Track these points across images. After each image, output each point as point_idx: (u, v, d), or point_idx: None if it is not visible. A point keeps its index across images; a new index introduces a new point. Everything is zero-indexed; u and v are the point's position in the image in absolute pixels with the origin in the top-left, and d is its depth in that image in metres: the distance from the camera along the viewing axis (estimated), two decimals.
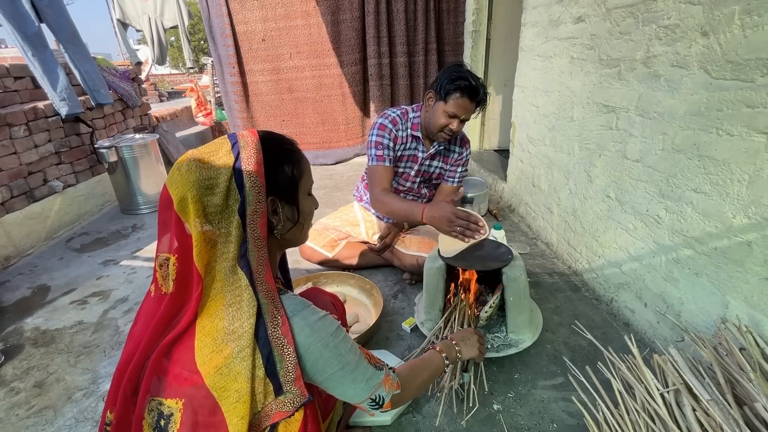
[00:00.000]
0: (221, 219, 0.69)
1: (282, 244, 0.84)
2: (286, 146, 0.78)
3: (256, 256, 0.71)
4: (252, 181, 0.69)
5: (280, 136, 0.79)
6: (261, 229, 0.71)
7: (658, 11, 1.30)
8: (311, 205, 0.87)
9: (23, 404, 1.30)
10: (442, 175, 1.96)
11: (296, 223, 0.81)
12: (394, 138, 1.79)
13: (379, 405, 0.82)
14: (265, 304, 0.70)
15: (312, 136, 4.09)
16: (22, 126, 2.44)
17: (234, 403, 0.67)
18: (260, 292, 0.70)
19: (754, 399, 0.84)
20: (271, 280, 0.72)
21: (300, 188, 0.80)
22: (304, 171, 0.82)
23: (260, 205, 0.70)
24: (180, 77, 14.57)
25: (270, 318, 0.70)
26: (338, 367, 0.75)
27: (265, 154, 0.72)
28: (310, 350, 0.72)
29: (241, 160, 0.70)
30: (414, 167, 1.90)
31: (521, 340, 1.35)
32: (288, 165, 0.77)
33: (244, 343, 0.67)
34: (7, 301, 1.92)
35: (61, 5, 2.64)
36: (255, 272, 0.70)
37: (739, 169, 1.05)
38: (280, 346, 0.70)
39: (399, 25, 3.72)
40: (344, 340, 0.77)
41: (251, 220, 0.70)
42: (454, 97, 1.61)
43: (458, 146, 1.90)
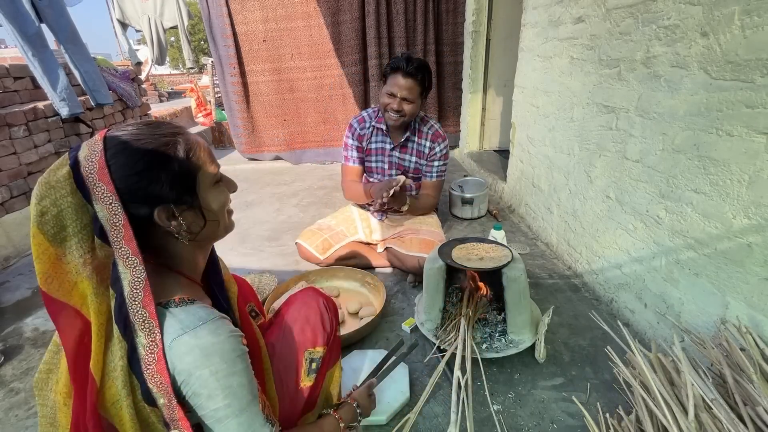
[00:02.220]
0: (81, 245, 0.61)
1: (201, 246, 0.76)
2: (164, 141, 0.65)
3: (130, 278, 0.60)
4: (98, 190, 0.59)
5: (156, 133, 0.66)
6: (128, 245, 0.60)
7: (658, 12, 1.30)
8: (221, 196, 0.74)
9: (23, 405, 1.30)
10: (419, 170, 2.07)
11: (207, 223, 0.71)
12: (358, 136, 2.02)
13: None
14: (141, 337, 0.61)
15: (313, 134, 4.10)
16: (22, 126, 2.44)
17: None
18: (135, 321, 0.61)
19: (755, 400, 0.84)
20: (150, 305, 0.61)
21: (199, 183, 0.69)
22: (199, 163, 0.69)
23: (117, 217, 0.60)
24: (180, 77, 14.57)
25: (145, 353, 0.61)
26: (223, 403, 0.64)
27: (136, 161, 0.62)
28: (194, 376, 0.62)
29: (82, 171, 0.59)
30: (385, 160, 2.04)
31: (521, 341, 1.35)
32: (171, 164, 0.65)
33: (121, 383, 0.63)
34: (6, 301, 1.92)
35: (61, 5, 2.64)
36: (128, 297, 0.61)
37: (739, 170, 1.05)
38: (158, 383, 0.62)
39: (399, 26, 3.73)
40: (242, 372, 0.66)
41: (113, 237, 0.60)
42: (389, 77, 1.81)
43: (428, 141, 1.99)
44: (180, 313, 0.65)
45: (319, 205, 2.97)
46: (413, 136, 1.98)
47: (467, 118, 3.73)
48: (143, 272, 0.61)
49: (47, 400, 0.72)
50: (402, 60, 1.76)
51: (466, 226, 2.51)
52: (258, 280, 1.84)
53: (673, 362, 1.00)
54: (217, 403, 0.64)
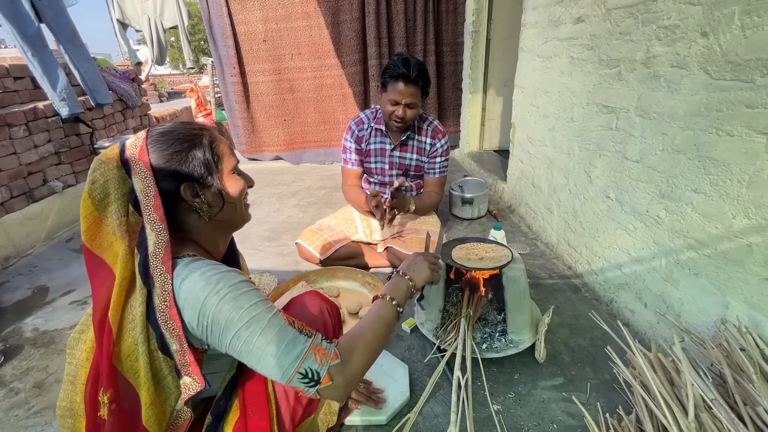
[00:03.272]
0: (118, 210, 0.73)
1: (221, 227, 0.87)
2: (194, 132, 0.80)
3: (155, 238, 0.72)
4: (137, 167, 0.73)
5: (188, 126, 0.81)
6: (156, 212, 0.73)
7: (658, 12, 1.30)
8: (238, 184, 0.86)
9: (23, 405, 1.30)
10: (421, 168, 2.06)
11: (225, 205, 0.83)
12: (357, 139, 2.02)
13: (314, 381, 0.71)
14: (157, 288, 0.71)
15: (313, 134, 4.10)
16: (22, 126, 2.44)
17: (144, 387, 0.72)
18: (154, 275, 0.71)
19: (755, 400, 0.84)
20: (167, 262, 0.72)
21: (219, 170, 0.82)
22: (222, 153, 0.83)
23: (149, 189, 0.73)
24: (180, 77, 14.57)
25: (159, 302, 0.71)
26: (242, 322, 0.70)
27: (170, 145, 0.76)
28: (207, 304, 0.70)
29: (127, 153, 0.75)
30: (385, 160, 2.03)
31: (521, 341, 1.35)
32: (198, 150, 0.79)
33: (139, 330, 0.71)
34: (6, 301, 1.92)
35: (61, 6, 2.63)
36: (151, 255, 0.72)
37: (739, 170, 1.05)
38: (170, 329, 0.71)
39: (399, 26, 3.73)
40: (248, 295, 0.72)
41: (144, 205, 0.73)
42: (390, 85, 1.78)
43: (429, 137, 1.99)
44: (189, 262, 0.75)
45: (319, 205, 2.97)
46: (413, 134, 1.99)
47: (467, 118, 3.73)
48: (166, 236, 0.73)
49: (74, 358, 0.80)
50: (401, 67, 1.73)
51: (466, 226, 2.51)
52: (258, 280, 1.84)
53: (673, 362, 1.00)
54: (237, 325, 0.70)
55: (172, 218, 0.77)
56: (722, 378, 0.94)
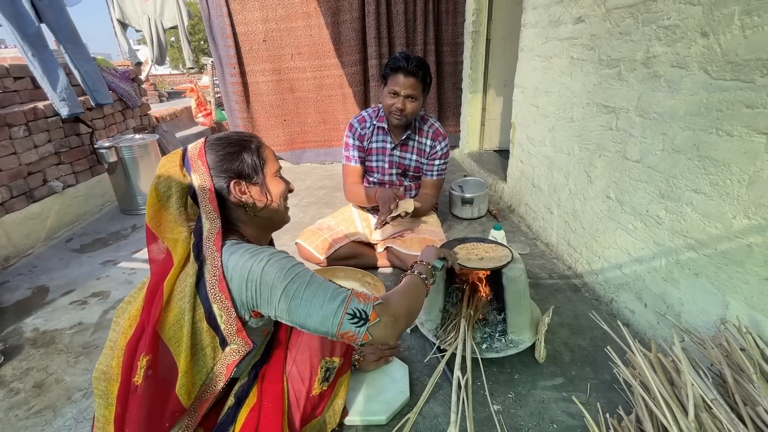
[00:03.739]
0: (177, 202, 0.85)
1: (263, 224, 0.98)
2: (244, 138, 0.93)
3: (209, 226, 0.85)
4: (196, 165, 0.86)
5: (240, 134, 0.94)
6: (211, 203, 0.85)
7: (658, 12, 1.30)
8: (280, 185, 0.98)
9: (23, 405, 1.30)
10: (420, 169, 2.06)
11: (268, 203, 0.94)
12: (359, 136, 2.02)
13: (363, 319, 0.81)
14: (207, 264, 0.83)
15: (314, 134, 4.11)
16: (22, 126, 2.44)
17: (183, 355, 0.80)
18: (206, 254, 0.83)
19: (755, 400, 0.84)
20: (218, 244, 0.84)
21: (264, 172, 0.94)
22: (267, 158, 0.95)
23: (206, 184, 0.86)
24: (180, 77, 14.57)
25: (209, 276, 0.82)
26: (287, 280, 0.80)
27: (224, 147, 0.89)
28: (252, 270, 0.81)
29: (188, 154, 0.88)
30: (385, 159, 2.03)
31: (521, 341, 1.35)
32: (247, 153, 0.91)
33: (187, 299, 0.81)
34: (6, 301, 1.92)
35: (61, 5, 2.64)
36: (205, 239, 0.84)
37: (739, 170, 1.05)
38: (219, 301, 0.82)
39: (399, 26, 3.73)
40: (288, 259, 0.84)
41: (201, 197, 0.85)
42: (390, 78, 1.81)
43: (429, 139, 1.99)
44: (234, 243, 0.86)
45: (319, 205, 2.97)
46: (414, 135, 1.99)
47: (467, 118, 3.73)
48: (218, 224, 0.85)
49: (117, 326, 0.90)
50: (401, 60, 1.76)
51: (466, 226, 2.51)
52: None
53: (673, 362, 1.00)
54: (283, 281, 0.80)
55: (223, 212, 0.88)
56: (722, 378, 0.94)
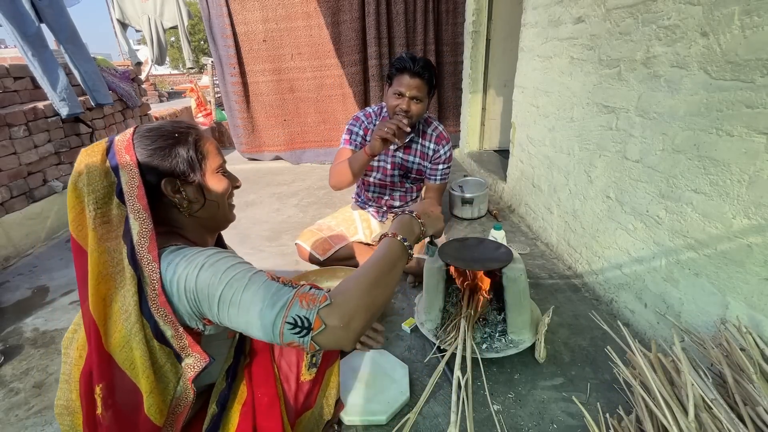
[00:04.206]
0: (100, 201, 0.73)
1: (204, 225, 0.88)
2: (180, 130, 0.82)
3: (139, 229, 0.73)
4: (123, 160, 0.75)
5: (176, 124, 0.83)
6: (140, 201, 0.74)
7: (658, 12, 1.30)
8: (221, 183, 0.87)
9: (23, 405, 1.30)
10: (422, 172, 2.04)
11: (206, 202, 0.84)
12: (364, 129, 1.97)
13: (305, 328, 0.67)
14: (146, 278, 0.73)
15: (314, 134, 4.11)
16: (22, 126, 2.44)
17: (143, 376, 0.73)
18: (142, 264, 0.73)
19: (755, 400, 0.84)
20: (154, 250, 0.73)
21: (203, 169, 0.84)
22: (207, 152, 0.85)
23: (134, 180, 0.75)
24: (180, 77, 14.58)
25: (149, 290, 0.73)
26: (223, 284, 0.70)
27: (155, 140, 0.79)
28: (189, 279, 0.72)
29: (114, 147, 0.77)
30: (387, 159, 2.00)
31: (521, 341, 1.35)
32: (182, 147, 0.81)
33: (133, 320, 0.72)
34: (6, 301, 1.92)
35: (61, 5, 2.64)
36: (137, 245, 0.73)
37: (739, 170, 1.05)
38: (163, 316, 0.73)
39: (399, 26, 3.73)
40: (226, 259, 0.74)
41: (128, 195, 0.74)
42: (395, 78, 1.78)
43: (432, 143, 1.98)
44: (174, 249, 0.77)
45: (319, 205, 2.97)
46: (417, 137, 1.97)
47: (467, 118, 3.73)
48: (150, 225, 0.74)
49: (68, 357, 0.83)
50: (407, 60, 1.73)
51: (466, 226, 2.51)
52: None
53: (673, 362, 1.00)
54: (219, 288, 0.70)
55: (156, 213, 0.78)
56: (722, 378, 0.94)
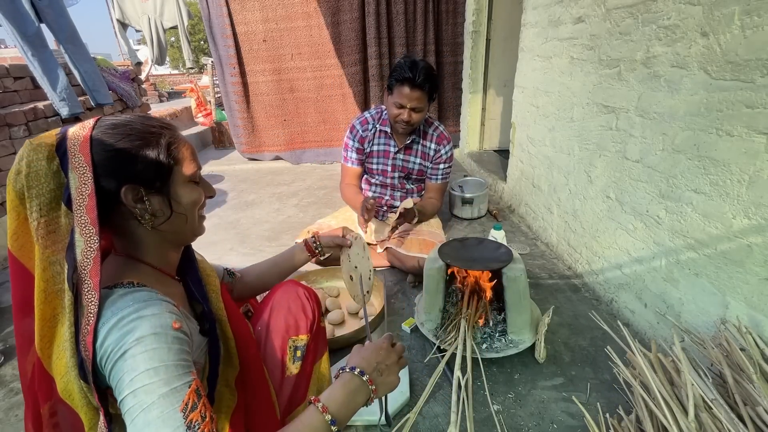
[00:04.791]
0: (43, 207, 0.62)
1: (167, 239, 0.75)
2: (151, 130, 0.69)
3: (84, 247, 0.61)
4: (75, 160, 0.62)
5: (146, 122, 0.70)
6: (88, 214, 0.62)
7: (658, 12, 1.30)
8: (193, 194, 0.75)
9: (22, 405, 1.30)
10: (423, 172, 2.05)
11: (172, 215, 0.72)
12: (360, 139, 2.00)
13: None
14: (83, 307, 0.60)
15: (314, 134, 4.11)
16: (22, 126, 2.44)
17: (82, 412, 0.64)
18: (81, 290, 0.61)
19: (755, 400, 0.84)
20: (96, 277, 0.61)
21: (173, 176, 0.71)
22: (180, 158, 0.72)
23: (85, 187, 0.62)
24: (180, 77, 14.58)
25: (83, 323, 0.60)
26: (130, 389, 0.56)
27: (120, 139, 0.66)
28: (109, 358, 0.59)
29: (68, 142, 0.63)
30: (388, 162, 2.02)
31: (521, 341, 1.35)
32: (151, 149, 0.68)
33: (69, 353, 0.61)
34: (6, 301, 1.92)
35: (61, 5, 2.64)
36: (80, 266, 0.61)
37: (739, 170, 1.05)
38: (88, 357, 0.59)
39: (399, 26, 3.73)
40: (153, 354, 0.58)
41: (77, 203, 0.61)
42: (396, 88, 1.76)
43: (433, 143, 1.98)
44: (124, 294, 0.64)
45: (319, 205, 2.97)
46: (418, 138, 1.98)
47: (467, 118, 3.73)
48: (96, 243, 0.62)
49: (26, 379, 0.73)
50: (407, 70, 1.70)
51: (466, 226, 2.51)
52: None
53: (673, 362, 1.00)
54: (125, 391, 0.57)
55: (112, 223, 0.68)
56: (722, 378, 0.94)
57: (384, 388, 0.77)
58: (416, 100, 1.75)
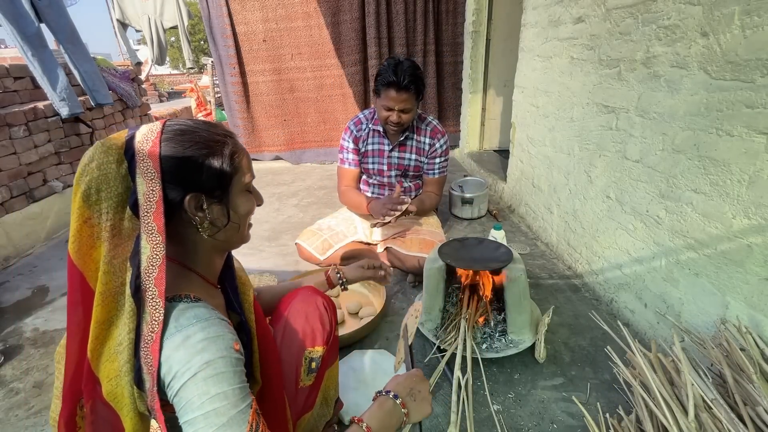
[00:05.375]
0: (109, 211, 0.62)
1: (217, 247, 0.76)
2: (216, 138, 0.70)
3: (150, 254, 0.62)
4: (144, 166, 0.63)
5: (211, 130, 0.71)
6: (156, 220, 0.62)
7: (658, 12, 1.30)
8: (248, 203, 0.77)
9: (23, 405, 1.30)
10: (420, 168, 2.06)
11: (228, 223, 0.73)
12: (354, 139, 2.02)
13: None
14: (147, 314, 0.61)
15: (314, 134, 4.11)
16: (22, 126, 2.44)
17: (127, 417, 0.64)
18: (145, 297, 0.61)
19: (755, 400, 0.84)
20: (161, 285, 0.61)
21: (233, 185, 0.72)
22: (239, 167, 0.72)
23: (154, 193, 0.63)
24: (180, 77, 14.59)
25: (147, 330, 0.61)
26: (201, 411, 0.58)
27: (187, 147, 0.66)
28: (178, 376, 0.59)
29: (135, 147, 0.63)
30: (383, 161, 2.02)
31: (521, 341, 1.35)
32: (216, 159, 0.68)
33: (126, 357, 0.61)
34: (6, 301, 1.92)
35: (60, 5, 2.64)
36: (144, 272, 0.61)
37: (739, 170, 1.05)
38: (149, 364, 0.60)
39: (399, 26, 3.74)
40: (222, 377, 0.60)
41: (144, 209, 0.62)
42: (382, 92, 1.77)
43: (427, 137, 1.99)
44: (182, 310, 0.64)
45: (319, 205, 2.97)
46: (412, 134, 1.99)
47: (467, 118, 3.73)
48: (163, 251, 0.62)
49: (60, 373, 0.74)
50: (391, 74, 1.70)
51: (466, 226, 2.51)
52: (258, 280, 1.84)
53: (673, 362, 1.00)
54: (195, 412, 0.58)
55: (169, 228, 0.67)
56: (722, 378, 0.94)
57: (416, 414, 0.79)
58: (403, 101, 1.76)
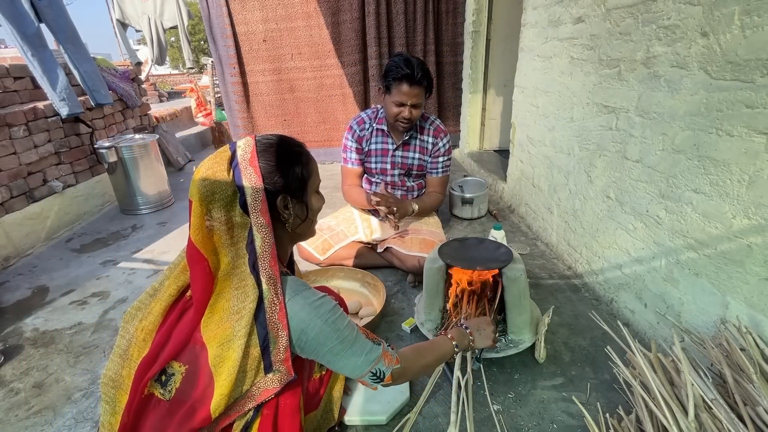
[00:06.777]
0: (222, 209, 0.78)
1: (293, 238, 0.95)
2: (295, 149, 0.88)
3: (261, 241, 0.79)
4: (247, 172, 0.79)
5: (290, 142, 0.89)
6: (263, 216, 0.79)
7: (658, 12, 1.30)
8: (318, 201, 0.96)
9: (23, 405, 1.30)
10: (423, 167, 2.06)
11: (306, 219, 0.91)
12: (358, 138, 2.01)
13: (380, 378, 0.88)
14: (267, 290, 0.79)
15: (314, 134, 4.11)
16: (22, 126, 2.44)
17: (224, 375, 0.77)
18: (263, 276, 0.79)
19: (755, 400, 0.84)
20: (275, 266, 0.79)
21: (309, 187, 0.90)
22: (312, 171, 0.91)
23: (258, 194, 0.79)
24: (180, 77, 14.58)
25: (269, 303, 0.79)
26: (337, 341, 0.82)
27: (276, 156, 0.83)
28: (311, 326, 0.81)
29: (238, 157, 0.81)
30: (387, 160, 2.02)
31: (521, 341, 1.35)
32: (297, 166, 0.86)
33: (244, 323, 0.77)
34: (6, 301, 1.92)
35: (60, 5, 2.64)
36: (259, 257, 0.79)
37: (739, 170, 1.05)
38: (276, 329, 0.79)
39: (399, 26, 3.73)
40: (342, 317, 0.85)
41: (252, 208, 0.79)
42: (394, 87, 1.77)
43: (431, 137, 2.00)
44: (290, 282, 0.84)
45: None
46: (415, 134, 1.99)
47: (467, 118, 3.73)
48: (271, 239, 0.80)
49: (127, 333, 0.87)
50: (404, 68, 1.72)
51: (466, 226, 2.51)
52: None
53: (673, 362, 1.00)
54: (333, 341, 0.82)
55: None
56: (722, 378, 0.94)
57: (479, 342, 1.16)
58: (416, 96, 1.78)
